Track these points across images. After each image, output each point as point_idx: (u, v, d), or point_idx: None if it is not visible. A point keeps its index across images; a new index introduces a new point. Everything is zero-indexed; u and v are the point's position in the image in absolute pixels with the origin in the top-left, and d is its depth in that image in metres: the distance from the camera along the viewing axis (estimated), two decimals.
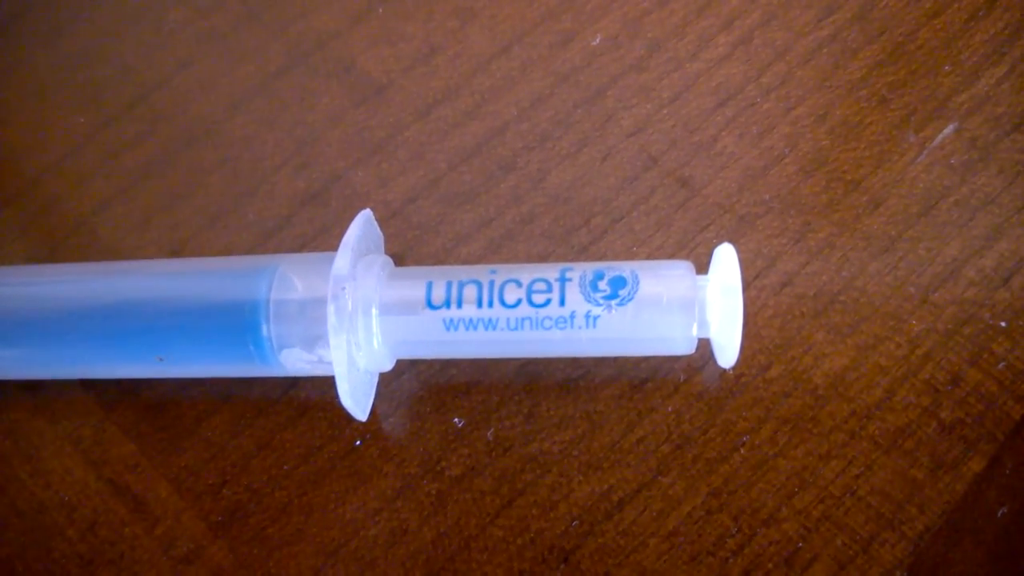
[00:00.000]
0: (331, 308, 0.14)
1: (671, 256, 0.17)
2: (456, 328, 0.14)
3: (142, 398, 0.17)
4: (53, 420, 0.17)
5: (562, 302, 0.14)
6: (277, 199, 0.18)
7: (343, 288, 0.14)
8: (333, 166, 0.18)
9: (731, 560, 0.15)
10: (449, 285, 0.14)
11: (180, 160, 0.19)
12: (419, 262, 0.17)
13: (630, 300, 0.14)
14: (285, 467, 0.16)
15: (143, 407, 0.17)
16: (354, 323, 0.14)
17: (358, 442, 0.16)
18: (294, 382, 0.17)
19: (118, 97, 0.19)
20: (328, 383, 0.16)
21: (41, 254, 0.19)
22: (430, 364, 0.16)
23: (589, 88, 0.18)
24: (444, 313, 0.14)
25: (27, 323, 0.16)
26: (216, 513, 0.16)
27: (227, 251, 0.18)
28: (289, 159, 0.18)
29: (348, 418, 0.16)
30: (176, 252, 0.18)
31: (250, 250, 0.18)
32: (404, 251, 0.17)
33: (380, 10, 0.19)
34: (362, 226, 0.15)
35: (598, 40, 0.18)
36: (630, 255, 0.17)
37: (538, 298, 0.14)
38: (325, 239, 0.18)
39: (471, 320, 0.14)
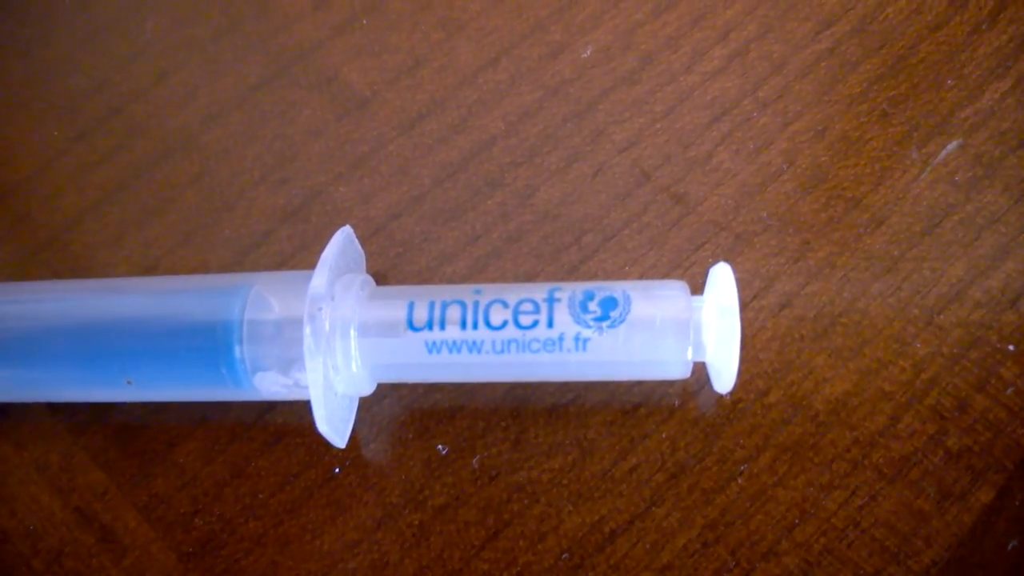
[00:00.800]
0: (307, 329, 0.14)
1: (665, 276, 0.16)
2: (439, 351, 0.14)
3: (112, 422, 0.16)
4: (19, 445, 0.16)
5: (550, 323, 0.14)
6: (255, 215, 0.17)
7: (320, 308, 0.14)
8: (314, 181, 0.17)
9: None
10: (432, 305, 0.14)
11: (156, 174, 0.18)
12: (402, 281, 0.16)
13: (622, 322, 0.14)
14: (260, 496, 0.15)
15: (112, 432, 0.16)
16: (332, 345, 0.14)
17: (337, 470, 0.15)
18: (270, 406, 0.16)
19: (93, 109, 0.19)
20: (305, 407, 0.15)
21: (10, 270, 0.18)
22: (412, 388, 0.16)
23: (579, 102, 0.17)
24: (426, 335, 0.14)
25: (9, 339, 0.15)
26: (187, 544, 0.15)
27: (203, 268, 0.17)
28: (268, 174, 0.18)
29: (326, 445, 0.15)
30: (150, 269, 0.17)
31: (226, 268, 0.17)
32: (386, 269, 0.16)
33: (364, 21, 0.19)
34: (341, 243, 0.15)
35: (589, 52, 0.18)
36: (622, 275, 0.16)
37: (525, 319, 0.14)
38: (304, 257, 0.17)
39: (454, 342, 0.14)
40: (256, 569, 0.15)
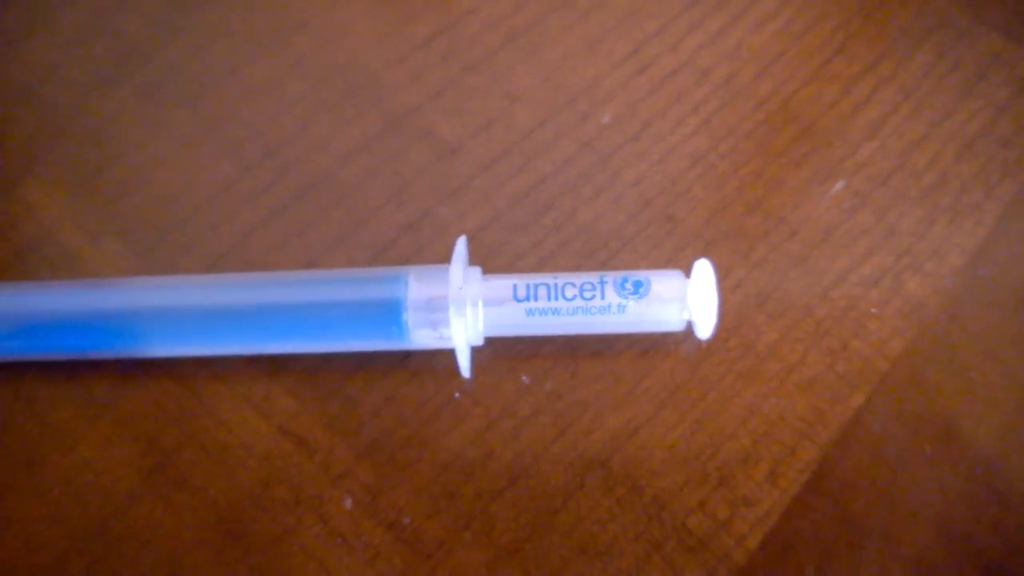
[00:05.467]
0: (452, 302, 0.22)
1: (662, 267, 0.24)
2: (533, 314, 0.22)
3: (297, 367, 0.24)
4: (230, 384, 0.24)
5: (603, 296, 0.22)
6: (383, 228, 0.25)
7: (460, 288, 0.22)
8: (423, 204, 0.25)
9: (708, 462, 0.22)
10: (528, 286, 0.22)
11: (307, 199, 0.25)
12: (490, 272, 0.24)
13: (645, 295, 0.22)
14: (406, 413, 0.23)
15: (299, 373, 0.24)
16: (465, 312, 0.22)
17: (456, 394, 0.23)
18: (407, 354, 0.24)
19: (254, 151, 0.26)
20: (432, 355, 0.23)
21: (201, 269, 0.25)
22: (504, 339, 0.24)
23: (602, 152, 0.26)
24: (526, 305, 0.22)
25: (221, 314, 0.23)
26: (358, 446, 0.23)
27: (350, 266, 0.25)
28: (390, 199, 0.25)
29: (447, 378, 0.23)
30: (310, 263, 0.25)
31: (371, 259, 0.25)
32: (479, 265, 0.25)
33: (449, 91, 0.26)
34: (462, 247, 0.23)
35: (607, 119, 0.26)
36: (636, 267, 0.24)
37: (587, 294, 0.22)
38: (420, 257, 0.25)
39: (543, 309, 0.22)
40: (407, 459, 0.23)
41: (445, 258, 0.24)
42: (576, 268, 0.24)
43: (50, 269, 0.25)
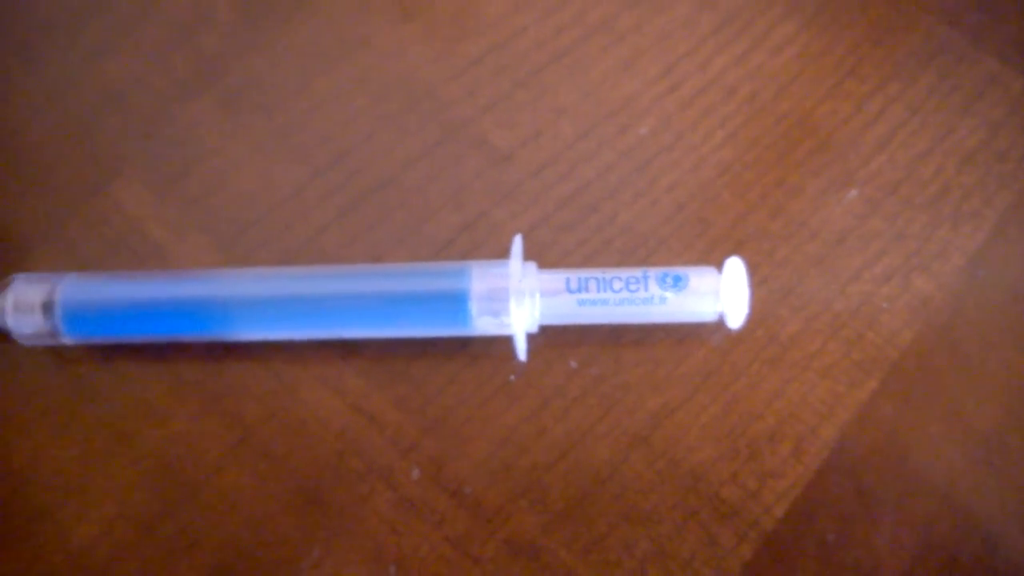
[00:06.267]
0: (513, 293, 0.24)
1: (695, 265, 0.27)
2: (585, 304, 0.24)
3: (366, 352, 0.26)
4: (306, 366, 0.26)
5: (646, 289, 0.24)
6: (442, 227, 0.28)
7: (520, 280, 0.24)
8: (478, 206, 0.28)
9: (739, 439, 0.25)
10: (580, 279, 0.24)
11: (372, 200, 0.28)
12: (553, 265, 0.27)
13: (684, 288, 0.25)
14: (466, 393, 0.26)
15: (369, 356, 0.26)
16: (522, 302, 0.24)
17: (511, 377, 0.26)
18: (467, 341, 0.26)
19: (323, 157, 0.28)
20: (489, 342, 0.26)
21: (280, 262, 0.28)
22: (554, 328, 0.26)
23: (640, 160, 0.28)
24: (578, 296, 0.24)
25: (300, 302, 0.25)
26: (423, 422, 0.26)
27: (411, 258, 0.27)
28: (448, 202, 0.28)
29: (503, 363, 0.26)
30: (376, 258, 0.27)
31: (432, 255, 0.27)
32: (538, 251, 0.27)
33: (501, 104, 0.29)
34: (519, 244, 0.25)
35: (644, 131, 0.29)
36: (671, 264, 0.27)
37: (633, 287, 0.24)
38: (476, 254, 0.27)
39: (593, 300, 0.24)
40: (467, 435, 0.25)
41: (498, 255, 0.27)
42: (617, 265, 0.27)
43: (139, 262, 0.27)
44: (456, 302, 0.24)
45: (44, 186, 0.28)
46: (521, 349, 0.25)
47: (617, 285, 0.24)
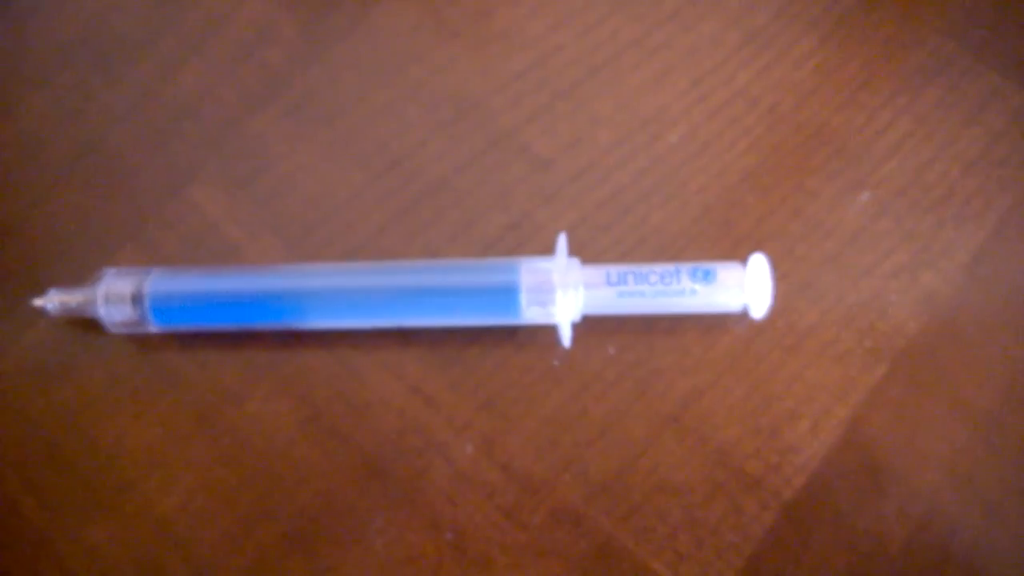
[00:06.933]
0: (559, 286, 0.27)
1: (722, 260, 0.30)
2: (624, 296, 0.27)
3: (424, 338, 0.29)
4: (368, 352, 0.29)
5: (679, 281, 0.27)
6: (490, 227, 0.30)
7: (566, 274, 0.27)
8: (523, 208, 0.30)
9: (761, 418, 0.28)
10: (619, 273, 0.27)
11: (426, 202, 0.31)
12: (592, 260, 0.29)
13: (713, 281, 0.27)
14: (513, 377, 0.29)
15: (425, 343, 0.29)
16: (568, 293, 0.27)
17: (555, 362, 0.29)
18: (515, 330, 0.29)
19: (381, 162, 0.31)
20: (534, 330, 0.28)
21: (343, 259, 0.30)
22: (593, 317, 0.29)
23: (671, 166, 0.31)
24: (618, 288, 0.27)
25: (364, 294, 0.28)
26: (476, 403, 0.28)
27: (463, 254, 0.30)
28: (495, 204, 0.31)
29: (547, 349, 0.28)
30: (432, 255, 0.30)
31: (481, 252, 0.30)
32: (578, 248, 0.30)
33: (542, 115, 0.32)
34: (563, 241, 0.28)
35: (674, 139, 0.31)
36: (701, 260, 0.30)
37: (667, 280, 0.27)
38: (522, 250, 0.30)
39: (632, 292, 0.27)
40: (518, 411, 0.28)
41: (542, 252, 0.29)
42: (651, 261, 0.30)
43: (214, 259, 0.30)
44: (508, 294, 0.27)
45: (127, 190, 0.31)
46: (566, 336, 0.27)
47: (653, 279, 0.27)
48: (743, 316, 0.28)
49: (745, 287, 0.27)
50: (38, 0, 0.34)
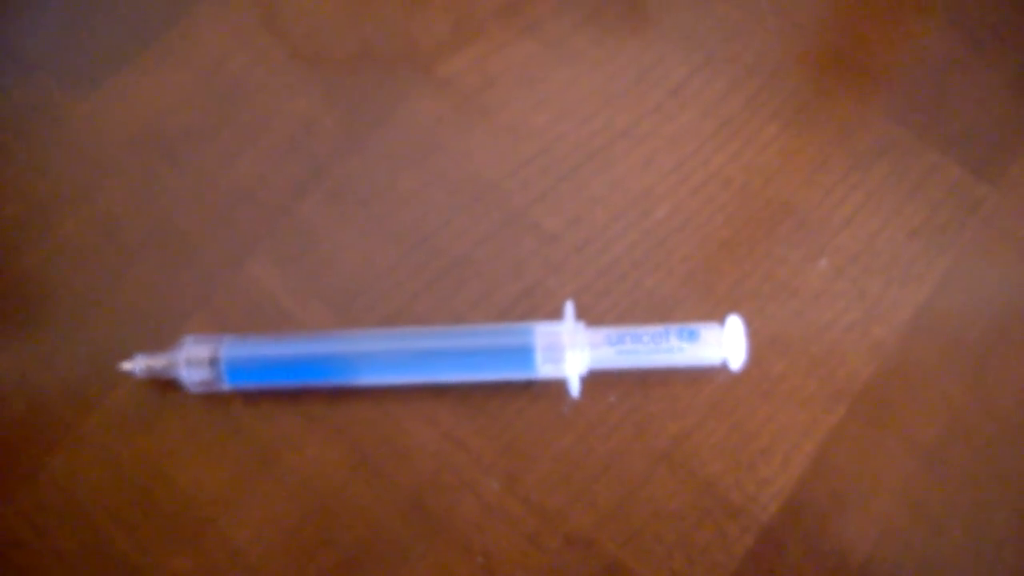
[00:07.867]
0: (568, 347, 0.32)
1: (704, 320, 0.35)
2: (623, 353, 0.32)
3: (452, 393, 0.34)
4: (408, 404, 0.34)
5: (668, 341, 0.32)
6: (507, 294, 0.35)
7: (573, 337, 0.32)
8: (534, 277, 0.36)
9: (740, 454, 0.33)
10: (619, 334, 0.32)
11: (451, 274, 0.36)
12: (594, 322, 0.35)
13: (697, 340, 0.32)
14: (530, 422, 0.34)
15: (456, 395, 0.34)
16: (576, 353, 0.32)
17: (565, 410, 0.34)
18: (530, 383, 0.34)
19: (412, 239, 0.36)
20: (547, 384, 0.33)
21: (382, 323, 0.35)
22: (597, 371, 0.34)
23: (658, 238, 0.36)
24: (617, 347, 0.32)
25: (404, 354, 0.33)
26: (499, 446, 0.33)
27: (485, 321, 0.35)
28: (510, 274, 0.36)
29: (557, 399, 0.33)
30: (458, 319, 0.35)
31: (500, 316, 0.35)
32: (582, 311, 0.35)
33: (548, 195, 0.37)
34: (571, 308, 0.33)
35: (660, 215, 0.37)
36: (685, 319, 0.35)
37: (658, 340, 0.32)
38: (535, 314, 0.35)
39: (629, 350, 0.32)
40: (535, 452, 0.33)
41: (553, 315, 0.35)
42: (643, 320, 0.35)
43: (271, 324, 0.35)
44: (525, 354, 0.32)
45: (193, 265, 0.36)
46: (575, 388, 0.32)
47: (646, 339, 0.32)
48: (723, 368, 0.33)
49: (724, 344, 0.32)
50: (114, 95, 0.39)
